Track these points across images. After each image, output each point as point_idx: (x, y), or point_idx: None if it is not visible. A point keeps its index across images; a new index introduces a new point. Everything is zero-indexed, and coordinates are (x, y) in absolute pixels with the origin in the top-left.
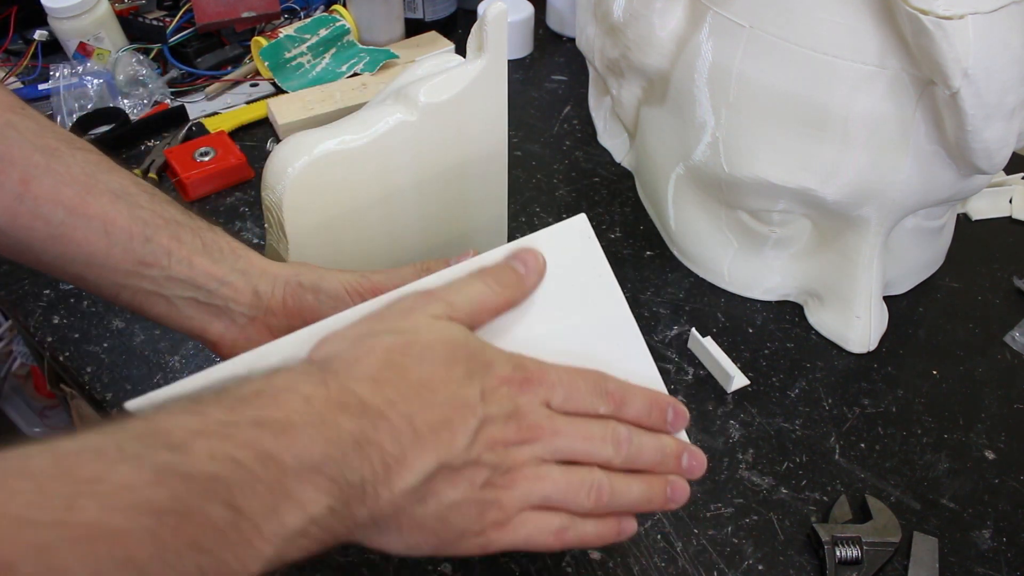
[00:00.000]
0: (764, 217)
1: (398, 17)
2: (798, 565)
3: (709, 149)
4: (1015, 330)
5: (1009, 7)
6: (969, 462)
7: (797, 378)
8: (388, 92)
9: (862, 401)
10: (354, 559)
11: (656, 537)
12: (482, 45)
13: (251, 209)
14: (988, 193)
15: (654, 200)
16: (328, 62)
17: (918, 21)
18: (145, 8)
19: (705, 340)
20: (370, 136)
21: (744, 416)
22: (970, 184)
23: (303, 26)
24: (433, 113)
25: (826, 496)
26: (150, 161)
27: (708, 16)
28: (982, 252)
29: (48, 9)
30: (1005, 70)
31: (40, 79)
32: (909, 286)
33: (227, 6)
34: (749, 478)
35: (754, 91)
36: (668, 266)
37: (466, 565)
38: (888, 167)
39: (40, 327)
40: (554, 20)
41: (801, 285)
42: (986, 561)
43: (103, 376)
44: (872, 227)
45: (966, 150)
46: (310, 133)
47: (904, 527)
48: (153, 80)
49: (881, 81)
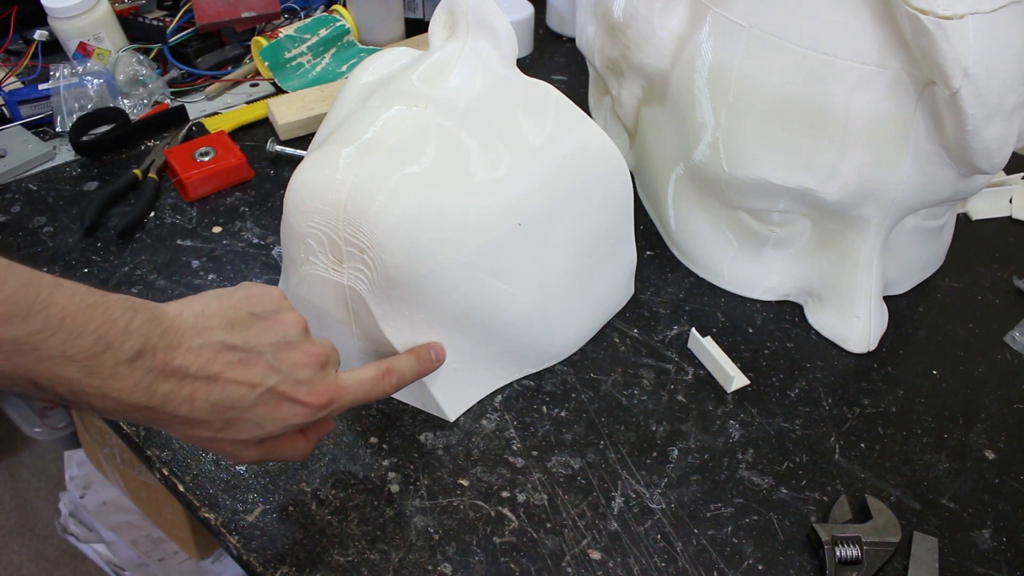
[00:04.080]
0: (764, 217)
1: (398, 17)
2: (798, 565)
3: (709, 149)
4: (1015, 330)
5: (1009, 7)
6: (969, 462)
7: (797, 378)
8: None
9: (862, 401)
10: (354, 559)
11: (656, 537)
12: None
13: (251, 209)
14: (988, 193)
15: (654, 200)
16: (328, 62)
17: (918, 21)
18: (145, 8)
19: (705, 340)
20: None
21: (744, 416)
22: (970, 184)
23: (303, 26)
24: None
25: (826, 496)
26: (150, 161)
27: (708, 16)
28: (982, 252)
29: (48, 9)
30: (1005, 70)
31: (40, 79)
32: (909, 286)
33: (227, 6)
34: (749, 478)
35: (754, 91)
36: (668, 266)
37: (466, 565)
38: (888, 167)
39: None
40: (554, 20)
41: (801, 285)
42: (986, 561)
43: None
44: (872, 227)
45: (966, 150)
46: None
47: (904, 527)
48: (153, 80)
49: (881, 81)
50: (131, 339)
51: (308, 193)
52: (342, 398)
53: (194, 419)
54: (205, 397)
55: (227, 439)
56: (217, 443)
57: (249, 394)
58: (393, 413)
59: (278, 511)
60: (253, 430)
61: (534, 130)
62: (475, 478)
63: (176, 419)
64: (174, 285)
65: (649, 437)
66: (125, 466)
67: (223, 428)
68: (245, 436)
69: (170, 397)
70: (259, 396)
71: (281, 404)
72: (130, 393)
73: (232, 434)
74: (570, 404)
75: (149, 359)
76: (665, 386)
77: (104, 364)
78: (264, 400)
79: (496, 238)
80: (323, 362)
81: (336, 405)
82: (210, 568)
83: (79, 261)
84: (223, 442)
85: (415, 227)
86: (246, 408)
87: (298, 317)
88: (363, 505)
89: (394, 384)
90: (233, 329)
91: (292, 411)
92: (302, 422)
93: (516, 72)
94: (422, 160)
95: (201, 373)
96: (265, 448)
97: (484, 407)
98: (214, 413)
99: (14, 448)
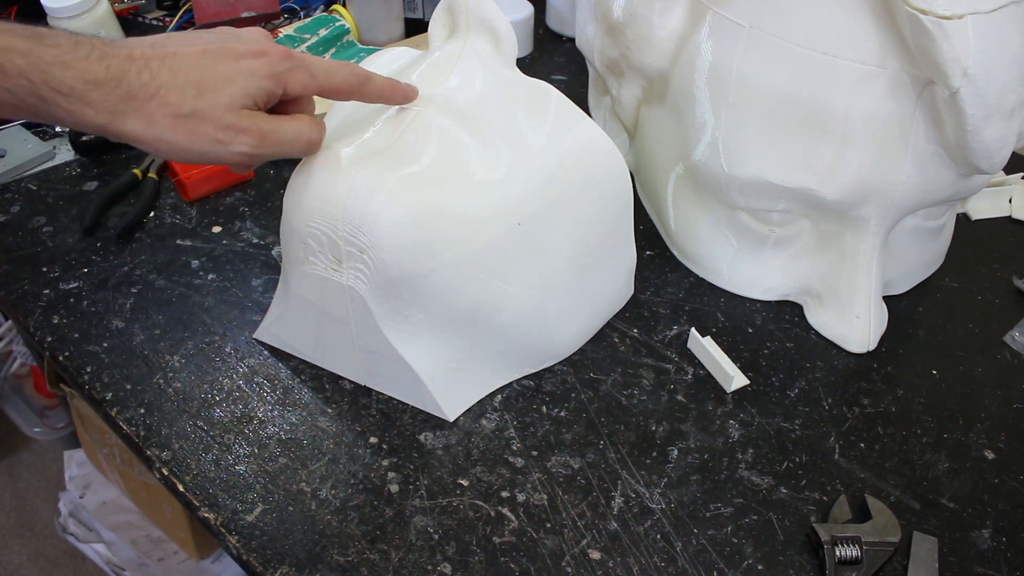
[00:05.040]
0: (764, 217)
1: (398, 17)
2: (798, 565)
3: (709, 149)
4: (1015, 330)
5: (1009, 7)
6: (969, 462)
7: (797, 378)
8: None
9: (862, 401)
10: (354, 559)
11: (656, 537)
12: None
13: (251, 209)
14: (988, 193)
15: (654, 200)
16: None
17: (918, 21)
18: (145, 8)
19: (705, 340)
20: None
21: (744, 416)
22: (970, 184)
23: (303, 26)
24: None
25: (826, 496)
26: (150, 161)
27: (708, 16)
28: (982, 252)
29: (48, 9)
30: (1005, 70)
31: None
32: (909, 286)
33: (227, 6)
34: (749, 478)
35: (754, 91)
36: (668, 266)
37: (466, 565)
38: (888, 167)
39: (40, 327)
40: (554, 20)
41: (801, 285)
42: (986, 561)
43: (103, 376)
44: (872, 227)
45: (966, 150)
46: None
47: (904, 527)
48: None
49: (881, 81)
50: (68, 35)
51: (308, 193)
52: (303, 57)
53: (160, 85)
54: (159, 62)
55: (211, 106)
56: (207, 119)
57: (202, 54)
58: (393, 413)
59: (278, 511)
60: (226, 86)
61: (534, 130)
62: (475, 478)
63: (144, 90)
64: (174, 285)
65: (649, 437)
66: (125, 466)
67: (198, 94)
68: (225, 97)
69: (125, 68)
70: (214, 54)
71: (240, 59)
72: (84, 65)
73: (210, 97)
74: (570, 404)
75: (88, 43)
76: (665, 386)
77: (47, 46)
78: (220, 57)
79: (496, 238)
80: (282, 48)
81: (298, 61)
82: (210, 568)
83: (79, 261)
84: (211, 113)
85: (415, 227)
86: (206, 66)
87: (268, 37)
88: (363, 505)
89: (360, 75)
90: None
91: (254, 62)
92: (268, 71)
93: (516, 72)
94: (422, 160)
95: (148, 51)
96: (263, 118)
97: (484, 407)
98: (176, 75)
99: (14, 448)
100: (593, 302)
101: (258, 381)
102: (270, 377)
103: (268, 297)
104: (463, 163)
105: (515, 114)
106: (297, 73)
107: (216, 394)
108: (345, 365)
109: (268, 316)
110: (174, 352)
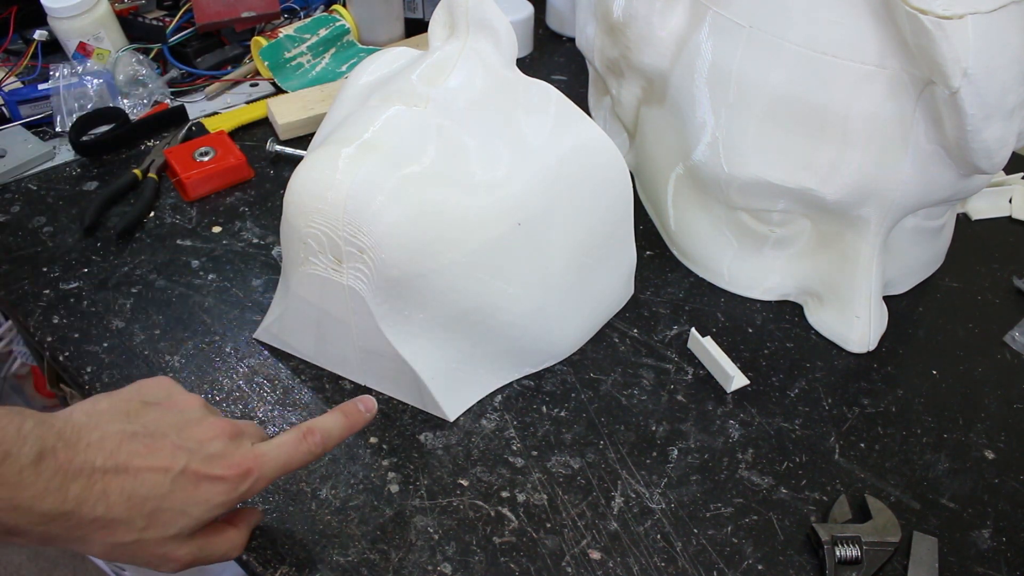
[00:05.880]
0: (764, 217)
1: (398, 17)
2: (798, 565)
3: (709, 149)
4: (1015, 330)
5: (1009, 7)
6: (969, 462)
7: (797, 378)
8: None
9: (862, 401)
10: (354, 559)
11: (656, 537)
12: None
13: (251, 209)
14: (988, 193)
15: (654, 200)
16: (328, 62)
17: (917, 21)
18: (145, 8)
19: (705, 340)
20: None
21: (744, 416)
22: (970, 184)
23: (303, 26)
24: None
25: (826, 496)
26: (150, 161)
27: (708, 16)
28: (982, 252)
29: (48, 9)
30: (1005, 70)
31: (40, 79)
32: (909, 286)
33: (227, 6)
34: (749, 478)
35: (754, 91)
36: (668, 266)
37: (466, 565)
38: (888, 167)
39: (40, 327)
40: (554, 20)
41: (801, 285)
42: (986, 561)
43: (103, 376)
44: (872, 227)
45: (966, 150)
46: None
47: (904, 527)
48: (153, 80)
49: (881, 81)
50: (27, 443)
51: (308, 193)
52: (262, 466)
53: (114, 519)
54: (119, 491)
55: (154, 538)
56: (145, 547)
57: (163, 479)
58: (393, 413)
59: (278, 511)
60: (178, 519)
61: (534, 130)
62: (475, 478)
63: (95, 524)
64: (174, 285)
65: (649, 437)
66: None
67: (147, 526)
68: (172, 530)
69: (83, 497)
70: (174, 480)
71: (199, 485)
72: (41, 499)
73: (158, 530)
74: (570, 404)
75: (51, 460)
76: (665, 386)
77: (7, 473)
78: (180, 484)
79: (496, 238)
80: (232, 433)
81: (257, 475)
82: (210, 568)
83: (79, 261)
84: (150, 543)
85: (415, 227)
86: (164, 496)
87: (193, 397)
88: (363, 505)
89: (318, 443)
90: (129, 418)
91: (212, 489)
92: (225, 499)
93: (516, 72)
94: (422, 160)
95: (109, 464)
96: (197, 544)
97: (484, 407)
98: (132, 508)
99: None
100: (593, 302)
101: (258, 381)
102: (270, 377)
103: (268, 297)
104: (463, 163)
105: (515, 114)
106: (254, 487)
107: (216, 394)
108: (345, 365)
109: (268, 316)
110: (174, 352)
